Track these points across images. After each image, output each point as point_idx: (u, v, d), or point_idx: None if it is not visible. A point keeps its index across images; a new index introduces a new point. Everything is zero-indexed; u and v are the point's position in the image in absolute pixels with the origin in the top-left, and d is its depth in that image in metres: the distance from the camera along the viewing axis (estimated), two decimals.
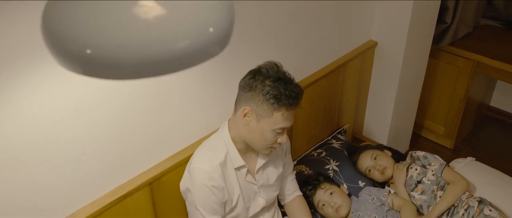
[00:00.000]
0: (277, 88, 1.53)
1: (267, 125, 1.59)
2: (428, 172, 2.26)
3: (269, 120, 1.58)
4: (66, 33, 0.72)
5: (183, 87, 1.74)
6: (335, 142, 2.59)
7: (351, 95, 2.68)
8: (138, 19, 0.69)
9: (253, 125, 1.60)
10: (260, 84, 1.54)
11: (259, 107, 1.56)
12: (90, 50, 0.70)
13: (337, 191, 2.18)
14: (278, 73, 1.57)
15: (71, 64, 0.75)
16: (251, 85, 1.56)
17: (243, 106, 1.59)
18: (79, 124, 1.46)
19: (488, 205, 2.11)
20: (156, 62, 0.71)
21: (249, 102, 1.57)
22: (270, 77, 1.55)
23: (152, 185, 1.77)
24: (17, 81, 1.26)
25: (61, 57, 0.75)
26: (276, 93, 1.53)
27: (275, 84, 1.54)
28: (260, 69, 1.58)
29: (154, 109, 1.67)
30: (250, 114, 1.58)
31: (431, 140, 3.36)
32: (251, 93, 1.56)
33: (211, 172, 1.63)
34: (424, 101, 3.16)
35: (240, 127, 1.64)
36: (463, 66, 2.94)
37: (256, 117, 1.58)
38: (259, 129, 1.60)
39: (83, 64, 0.73)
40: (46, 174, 1.45)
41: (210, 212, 1.66)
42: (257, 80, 1.55)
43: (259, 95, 1.54)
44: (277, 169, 1.86)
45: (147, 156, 1.75)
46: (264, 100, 1.54)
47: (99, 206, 1.62)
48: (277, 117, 1.57)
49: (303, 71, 2.26)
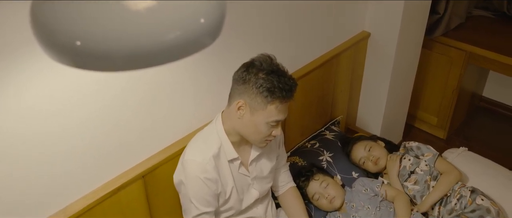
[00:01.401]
0: (271, 81, 1.53)
1: (261, 118, 1.58)
2: (421, 162, 2.27)
3: (263, 113, 1.57)
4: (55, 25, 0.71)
5: (176, 80, 1.73)
6: (329, 133, 2.59)
7: (344, 86, 2.68)
8: (128, 10, 0.68)
9: (247, 118, 1.60)
10: (254, 77, 1.54)
11: (252, 100, 1.56)
12: (80, 42, 0.70)
13: (331, 182, 2.18)
14: (272, 66, 1.56)
15: (61, 57, 0.74)
16: (244, 78, 1.55)
17: (237, 99, 1.59)
18: (71, 117, 1.45)
19: (480, 194, 2.13)
20: (147, 53, 0.70)
21: (243, 96, 1.57)
22: (264, 70, 1.54)
23: (145, 178, 1.76)
24: (7, 76, 1.25)
25: (51, 50, 0.74)
26: (269, 86, 1.53)
27: (268, 77, 1.53)
28: (253, 62, 1.58)
29: (146, 101, 1.66)
30: (244, 107, 1.58)
31: (424, 130, 3.38)
32: (244, 87, 1.55)
33: (204, 164, 1.63)
34: (417, 92, 3.16)
35: (234, 120, 1.63)
36: (456, 57, 2.95)
37: (250, 110, 1.58)
38: (253, 121, 1.60)
39: (73, 56, 0.72)
40: (38, 168, 1.44)
41: (203, 204, 1.67)
42: (251, 73, 1.55)
43: (253, 88, 1.54)
44: (271, 161, 1.86)
45: (140, 148, 1.74)
46: (258, 93, 1.54)
47: (92, 199, 1.62)
48: (271, 109, 1.57)
49: (296, 63, 2.26)
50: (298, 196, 2.06)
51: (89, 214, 1.63)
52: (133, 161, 1.74)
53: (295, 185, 2.09)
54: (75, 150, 1.52)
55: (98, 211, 1.66)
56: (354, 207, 2.13)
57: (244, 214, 1.87)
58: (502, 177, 2.32)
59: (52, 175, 1.49)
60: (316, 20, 2.26)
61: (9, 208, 1.43)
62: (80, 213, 1.59)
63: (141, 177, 1.75)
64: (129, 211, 1.78)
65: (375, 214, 2.08)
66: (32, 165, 1.42)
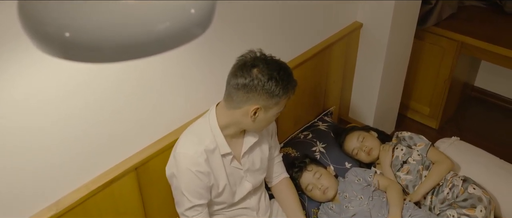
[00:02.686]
0: (280, 80, 1.55)
1: (274, 111, 1.64)
2: (413, 152, 2.28)
3: (276, 108, 1.62)
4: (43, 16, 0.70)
5: (167, 72, 1.72)
6: (322, 124, 2.60)
7: (337, 77, 2.68)
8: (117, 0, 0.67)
9: (261, 117, 1.63)
10: (259, 82, 1.54)
11: (267, 102, 1.58)
12: (69, 33, 0.69)
13: (324, 172, 2.19)
14: (268, 62, 1.57)
15: (50, 49, 0.73)
16: (250, 85, 1.54)
17: (248, 105, 1.58)
18: (61, 109, 1.44)
19: (472, 183, 2.14)
20: (137, 44, 0.69)
21: (257, 101, 1.57)
22: (265, 71, 1.55)
23: (138, 170, 1.76)
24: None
25: (39, 42, 0.73)
26: (282, 85, 1.56)
27: (273, 74, 1.54)
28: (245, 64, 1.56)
29: (138, 93, 1.65)
30: (260, 110, 1.60)
31: (416, 120, 3.39)
32: (255, 93, 1.55)
33: (196, 157, 1.62)
34: (409, 82, 3.17)
35: (241, 120, 1.64)
36: (448, 47, 2.96)
37: (265, 110, 1.61)
38: (267, 118, 1.65)
39: (61, 48, 0.71)
40: (28, 161, 1.43)
41: (195, 196, 1.67)
42: (255, 79, 1.54)
43: (266, 93, 1.55)
44: (263, 152, 1.86)
45: (133, 141, 1.74)
46: (273, 96, 1.56)
47: (84, 192, 1.61)
48: (283, 101, 1.63)
49: (288, 54, 2.26)
50: (292, 187, 2.06)
51: (81, 207, 1.62)
52: (125, 154, 1.73)
53: (288, 176, 2.09)
54: (66, 142, 1.51)
55: (91, 204, 1.65)
56: (347, 197, 2.14)
57: (237, 206, 1.87)
58: (493, 166, 2.33)
59: (43, 168, 1.48)
60: (308, 10, 2.25)
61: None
62: (72, 206, 1.59)
63: (134, 169, 1.74)
64: (122, 203, 1.78)
65: (368, 204, 2.09)
66: (22, 158, 1.41)
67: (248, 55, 1.60)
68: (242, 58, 1.60)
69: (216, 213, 1.84)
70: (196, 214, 1.70)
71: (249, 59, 1.58)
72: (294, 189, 2.07)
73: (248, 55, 1.60)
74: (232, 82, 1.58)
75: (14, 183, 1.43)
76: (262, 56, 1.60)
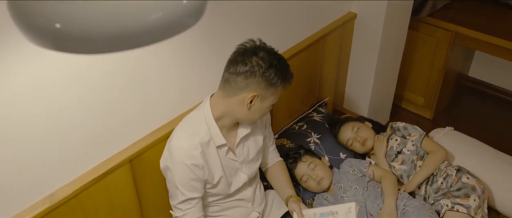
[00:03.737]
0: (280, 69, 1.57)
1: (270, 102, 1.65)
2: (408, 142, 2.29)
3: (272, 98, 1.64)
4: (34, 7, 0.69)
5: (161, 63, 1.71)
6: (316, 114, 2.60)
7: (332, 68, 2.68)
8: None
9: (257, 106, 1.63)
10: (258, 69, 1.55)
11: (265, 90, 1.59)
12: (59, 25, 0.68)
13: (319, 163, 2.19)
14: (268, 51, 1.59)
15: (41, 40, 0.72)
16: (250, 71, 1.55)
17: (247, 93, 1.59)
18: (54, 101, 1.43)
19: (466, 173, 2.15)
20: (129, 35, 0.69)
21: (255, 89, 1.58)
22: (266, 59, 1.56)
23: (132, 162, 1.75)
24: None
25: (30, 33, 0.72)
26: (281, 74, 1.58)
27: (273, 63, 1.56)
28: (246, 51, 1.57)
29: (131, 84, 1.64)
30: (256, 98, 1.60)
31: (411, 111, 3.40)
32: (254, 79, 1.56)
33: (191, 150, 1.62)
34: (404, 73, 3.17)
35: (236, 108, 1.63)
36: (442, 37, 2.96)
37: (261, 99, 1.61)
38: (262, 108, 1.65)
39: (52, 39, 0.71)
40: (22, 154, 1.42)
41: (189, 190, 1.67)
42: (256, 66, 1.55)
43: (264, 81, 1.56)
44: (257, 142, 1.86)
45: (127, 133, 1.73)
46: (271, 84, 1.58)
47: (78, 185, 1.60)
48: (280, 91, 1.64)
49: (283, 45, 2.25)
50: (283, 168, 2.08)
51: (76, 199, 1.62)
52: (120, 146, 1.73)
53: (282, 159, 2.11)
54: (60, 135, 1.50)
55: (85, 196, 1.65)
56: (342, 187, 2.15)
57: (233, 197, 1.87)
58: (487, 155, 2.35)
59: (37, 161, 1.48)
60: (303, 1, 2.24)
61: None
62: (67, 198, 1.58)
63: (128, 162, 1.74)
64: (116, 195, 1.77)
65: (363, 194, 2.10)
66: (15, 151, 1.40)
67: (248, 43, 1.61)
68: (242, 46, 1.61)
69: (211, 205, 1.84)
70: (189, 207, 1.70)
71: (249, 47, 1.60)
72: (286, 170, 2.09)
73: (248, 43, 1.61)
74: (231, 69, 1.59)
75: (8, 176, 1.42)
76: (262, 45, 1.62)
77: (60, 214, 1.59)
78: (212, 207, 1.85)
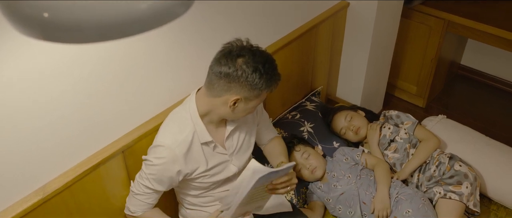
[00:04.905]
0: (265, 73, 1.53)
1: (255, 103, 1.62)
2: (400, 130, 2.30)
3: (257, 100, 1.61)
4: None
5: (152, 53, 1.70)
6: (309, 104, 2.60)
7: (324, 57, 2.67)
8: None
9: (241, 108, 1.61)
10: (243, 72, 1.51)
11: (249, 93, 1.56)
12: (47, 14, 0.67)
13: (312, 152, 2.20)
14: (254, 53, 1.54)
15: (29, 30, 0.71)
16: (233, 75, 1.52)
17: (230, 96, 1.56)
18: (45, 93, 1.42)
19: (458, 160, 2.17)
20: (118, 24, 0.68)
21: (238, 92, 1.55)
22: (250, 63, 1.51)
23: (125, 153, 1.75)
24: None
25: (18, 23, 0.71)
26: (266, 78, 1.54)
27: (259, 67, 1.52)
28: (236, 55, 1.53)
29: (123, 75, 1.63)
30: (240, 101, 1.58)
31: (403, 99, 3.41)
32: (237, 84, 1.53)
33: (174, 148, 1.61)
34: (396, 61, 3.18)
35: (222, 110, 1.62)
36: (435, 26, 2.96)
37: (245, 101, 1.59)
38: (246, 109, 1.63)
39: (41, 28, 0.70)
40: (14, 145, 1.41)
41: (158, 183, 1.67)
42: (239, 69, 1.51)
43: (248, 85, 1.53)
44: (248, 132, 1.85)
45: (119, 123, 1.72)
46: (255, 88, 1.54)
47: (71, 176, 1.60)
48: (265, 94, 1.61)
49: (275, 34, 2.24)
50: (279, 142, 2.06)
51: (69, 191, 1.61)
52: (112, 136, 1.72)
53: (280, 136, 2.11)
54: (52, 126, 1.49)
55: (79, 188, 1.64)
56: (335, 176, 2.16)
57: (223, 187, 1.86)
58: (479, 143, 2.36)
59: (29, 153, 1.47)
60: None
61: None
62: (59, 190, 1.58)
63: (121, 152, 1.73)
64: (110, 187, 1.77)
65: (356, 183, 2.11)
66: (6, 142, 1.39)
67: (234, 43, 1.56)
68: (228, 46, 1.57)
69: (201, 196, 1.83)
70: (149, 192, 1.71)
71: (235, 48, 1.54)
72: (282, 143, 2.07)
73: (234, 43, 1.56)
74: (215, 69, 1.55)
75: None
76: (248, 46, 1.56)
77: (53, 206, 1.59)
78: (203, 198, 1.85)
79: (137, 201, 1.74)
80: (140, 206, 1.75)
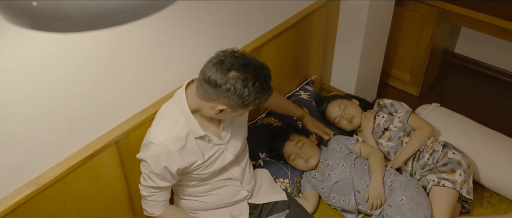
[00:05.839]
0: (255, 92, 1.51)
1: (241, 112, 1.64)
2: (394, 119, 2.30)
3: (244, 110, 1.61)
4: None
5: (144, 42, 1.68)
6: (303, 93, 2.60)
7: (318, 46, 2.67)
8: None
9: (228, 115, 1.62)
10: (232, 88, 1.49)
11: (236, 105, 1.54)
12: (36, 2, 0.66)
13: (306, 141, 2.20)
14: (247, 69, 1.50)
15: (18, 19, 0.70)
16: (223, 88, 1.50)
17: (217, 104, 1.55)
18: (36, 83, 1.40)
19: (452, 148, 2.17)
20: (108, 12, 0.67)
21: (225, 103, 1.54)
22: (240, 79, 1.49)
23: (119, 144, 1.74)
24: None
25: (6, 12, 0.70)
26: (255, 96, 1.52)
27: (249, 85, 1.49)
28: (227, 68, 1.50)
29: (116, 64, 1.62)
30: (227, 109, 1.57)
31: (397, 88, 3.41)
32: (225, 95, 1.51)
33: (167, 144, 1.61)
34: (390, 50, 3.17)
35: (208, 111, 1.61)
36: (428, 14, 2.95)
37: (232, 110, 1.58)
38: (233, 115, 1.64)
39: (30, 18, 0.69)
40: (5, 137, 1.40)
41: (161, 179, 1.68)
42: (228, 83, 1.49)
43: (236, 98, 1.51)
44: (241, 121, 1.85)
45: (112, 114, 1.71)
46: (243, 101, 1.52)
47: (65, 167, 1.59)
48: (251, 107, 1.61)
49: (269, 23, 2.23)
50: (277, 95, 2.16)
51: (62, 182, 1.61)
52: (105, 127, 1.71)
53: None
54: (44, 117, 1.48)
55: (72, 179, 1.64)
56: (330, 165, 2.16)
57: (221, 177, 1.86)
58: (472, 131, 2.37)
59: (21, 144, 1.46)
60: None
61: None
62: (53, 181, 1.57)
63: (115, 143, 1.73)
64: (104, 177, 1.76)
65: (350, 172, 2.11)
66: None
67: (228, 54, 1.53)
68: (222, 55, 1.53)
69: (198, 185, 1.84)
70: (157, 191, 1.72)
71: (228, 59, 1.51)
72: (278, 95, 2.17)
73: (229, 53, 1.53)
74: (205, 76, 1.53)
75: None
76: (242, 59, 1.52)
77: (47, 197, 1.58)
78: (199, 187, 1.85)
79: (150, 202, 1.75)
80: (155, 206, 1.77)
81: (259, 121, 2.43)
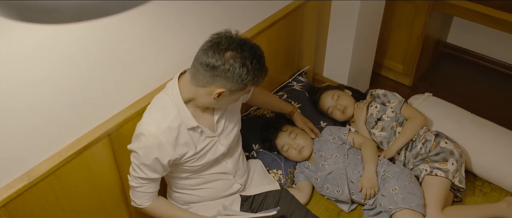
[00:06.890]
0: (253, 69, 1.52)
1: (239, 95, 1.63)
2: (387, 109, 2.30)
3: (242, 92, 1.61)
4: None
5: (137, 33, 1.67)
6: (296, 84, 2.59)
7: (311, 36, 2.66)
8: None
9: (225, 99, 1.60)
10: (231, 68, 1.49)
11: (234, 86, 1.54)
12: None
13: (299, 132, 2.20)
14: (243, 47, 1.51)
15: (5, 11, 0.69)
16: (220, 69, 1.49)
17: (215, 88, 1.54)
18: (27, 75, 1.39)
19: (444, 138, 2.18)
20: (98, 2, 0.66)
21: (223, 85, 1.53)
22: (238, 58, 1.49)
23: (111, 136, 1.73)
24: None
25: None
26: (253, 74, 1.53)
27: (247, 63, 1.50)
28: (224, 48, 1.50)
29: (108, 56, 1.61)
30: (224, 93, 1.56)
31: (390, 78, 3.42)
32: (223, 77, 1.51)
33: (159, 135, 1.60)
34: (383, 40, 3.17)
35: (205, 98, 1.60)
36: (421, 4, 2.95)
37: (229, 93, 1.58)
38: (230, 100, 1.63)
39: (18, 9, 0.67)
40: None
41: (151, 171, 1.67)
42: (226, 63, 1.49)
43: (235, 79, 1.51)
44: (233, 113, 1.84)
45: (105, 106, 1.70)
46: (241, 82, 1.53)
47: (57, 161, 1.58)
48: (250, 86, 1.60)
49: (261, 14, 2.22)
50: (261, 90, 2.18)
51: (54, 176, 1.60)
52: (97, 120, 1.70)
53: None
54: (35, 109, 1.46)
55: (64, 172, 1.63)
56: (323, 156, 2.16)
57: (212, 170, 1.85)
58: (464, 120, 2.38)
59: (12, 137, 1.44)
60: None
61: None
62: (45, 175, 1.56)
63: (107, 136, 1.72)
64: (97, 170, 1.76)
65: (344, 162, 2.12)
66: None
67: (223, 35, 1.53)
68: (216, 37, 1.53)
69: (190, 178, 1.83)
70: (147, 182, 1.71)
71: (223, 40, 1.51)
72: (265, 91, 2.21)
73: (223, 35, 1.53)
74: (202, 60, 1.52)
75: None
76: (237, 39, 1.53)
77: (39, 191, 1.57)
78: (192, 180, 1.84)
79: (138, 193, 1.74)
80: (143, 197, 1.75)
81: (252, 112, 2.42)
